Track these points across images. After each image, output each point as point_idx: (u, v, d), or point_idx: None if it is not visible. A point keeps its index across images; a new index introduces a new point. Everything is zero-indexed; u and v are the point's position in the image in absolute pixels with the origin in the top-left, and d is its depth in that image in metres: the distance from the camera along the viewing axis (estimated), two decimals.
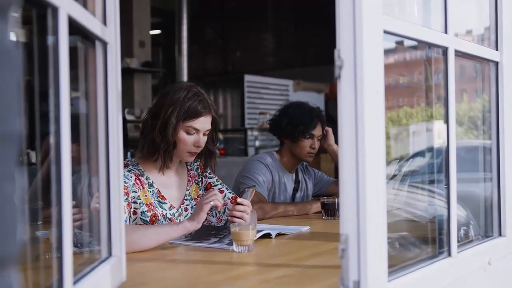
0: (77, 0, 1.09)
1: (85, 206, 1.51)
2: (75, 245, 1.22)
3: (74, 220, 1.40)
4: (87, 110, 1.35)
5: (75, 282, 1.05)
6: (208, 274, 1.61)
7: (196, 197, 2.33)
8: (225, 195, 2.33)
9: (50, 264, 1.12)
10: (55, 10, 0.97)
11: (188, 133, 2.16)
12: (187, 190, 2.32)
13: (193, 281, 1.55)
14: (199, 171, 2.39)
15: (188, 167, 2.37)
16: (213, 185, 2.37)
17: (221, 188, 2.36)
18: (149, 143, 2.17)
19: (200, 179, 2.38)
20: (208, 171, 2.41)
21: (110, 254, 1.34)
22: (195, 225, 1.94)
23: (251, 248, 1.84)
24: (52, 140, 0.98)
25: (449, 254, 1.48)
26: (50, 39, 0.99)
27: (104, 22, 1.31)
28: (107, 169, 1.34)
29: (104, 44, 1.31)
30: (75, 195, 1.06)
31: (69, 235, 0.99)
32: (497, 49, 1.76)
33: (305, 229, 2.31)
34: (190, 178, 2.35)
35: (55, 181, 0.98)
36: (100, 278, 1.21)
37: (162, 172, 2.23)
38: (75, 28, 1.08)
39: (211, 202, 1.96)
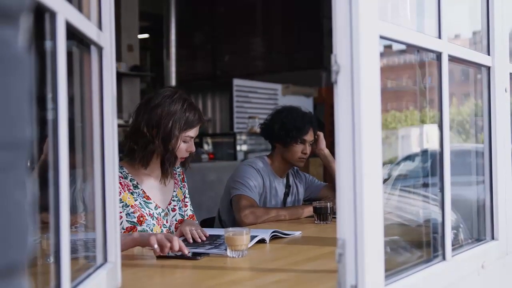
0: (73, 4, 1.09)
1: (77, 211, 1.50)
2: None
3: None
4: (82, 114, 1.34)
5: None
6: (203, 279, 1.60)
7: (181, 199, 2.42)
8: (186, 210, 2.44)
9: (45, 269, 1.11)
10: (53, 15, 0.96)
11: (185, 141, 2.26)
12: (174, 191, 2.39)
13: (188, 287, 1.55)
14: (180, 178, 2.47)
15: (173, 170, 2.43)
16: (186, 195, 2.48)
17: (187, 202, 2.47)
18: (149, 154, 2.22)
19: (182, 184, 2.47)
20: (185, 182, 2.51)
21: (105, 260, 1.33)
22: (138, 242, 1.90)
23: (245, 253, 1.84)
24: (49, 145, 0.97)
25: (444, 258, 1.48)
26: (47, 44, 0.98)
27: (100, 27, 1.31)
28: (102, 175, 1.33)
29: (100, 49, 1.31)
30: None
31: (67, 242, 0.98)
32: (489, 54, 1.78)
33: (298, 233, 2.32)
34: (176, 181, 2.43)
35: (52, 186, 0.97)
36: (96, 284, 1.20)
37: (164, 183, 2.31)
38: (70, 32, 1.08)
39: (155, 246, 1.81)
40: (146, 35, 10.29)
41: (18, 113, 0.52)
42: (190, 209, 2.48)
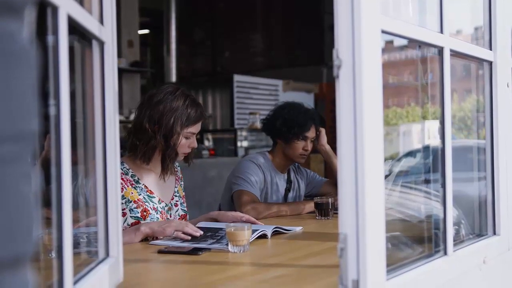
0: None
1: (78, 207, 1.50)
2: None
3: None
4: (83, 110, 1.34)
5: (74, 283, 1.04)
6: (205, 274, 1.60)
7: (181, 196, 2.44)
8: (177, 209, 2.42)
9: (47, 265, 1.11)
10: (55, 9, 0.96)
11: (187, 137, 2.27)
12: (176, 187, 2.41)
13: (189, 282, 1.55)
14: (180, 176, 2.50)
15: (174, 166, 2.45)
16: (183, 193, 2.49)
17: (183, 201, 2.47)
18: (151, 150, 2.24)
19: (182, 183, 2.49)
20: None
21: (107, 254, 1.33)
22: (147, 232, 2.04)
23: (246, 248, 1.84)
24: (52, 140, 0.97)
25: (445, 253, 1.48)
26: (49, 38, 0.98)
27: (101, 21, 1.31)
28: (104, 170, 1.33)
29: (101, 43, 1.30)
30: None
31: (69, 237, 0.98)
32: (491, 49, 1.77)
33: (299, 229, 2.32)
34: (177, 178, 2.45)
35: (55, 182, 0.97)
36: (98, 279, 1.20)
37: (163, 179, 2.32)
38: (72, 27, 1.07)
39: (174, 233, 2.02)
40: (146, 31, 10.28)
41: (24, 105, 0.52)
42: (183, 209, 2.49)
